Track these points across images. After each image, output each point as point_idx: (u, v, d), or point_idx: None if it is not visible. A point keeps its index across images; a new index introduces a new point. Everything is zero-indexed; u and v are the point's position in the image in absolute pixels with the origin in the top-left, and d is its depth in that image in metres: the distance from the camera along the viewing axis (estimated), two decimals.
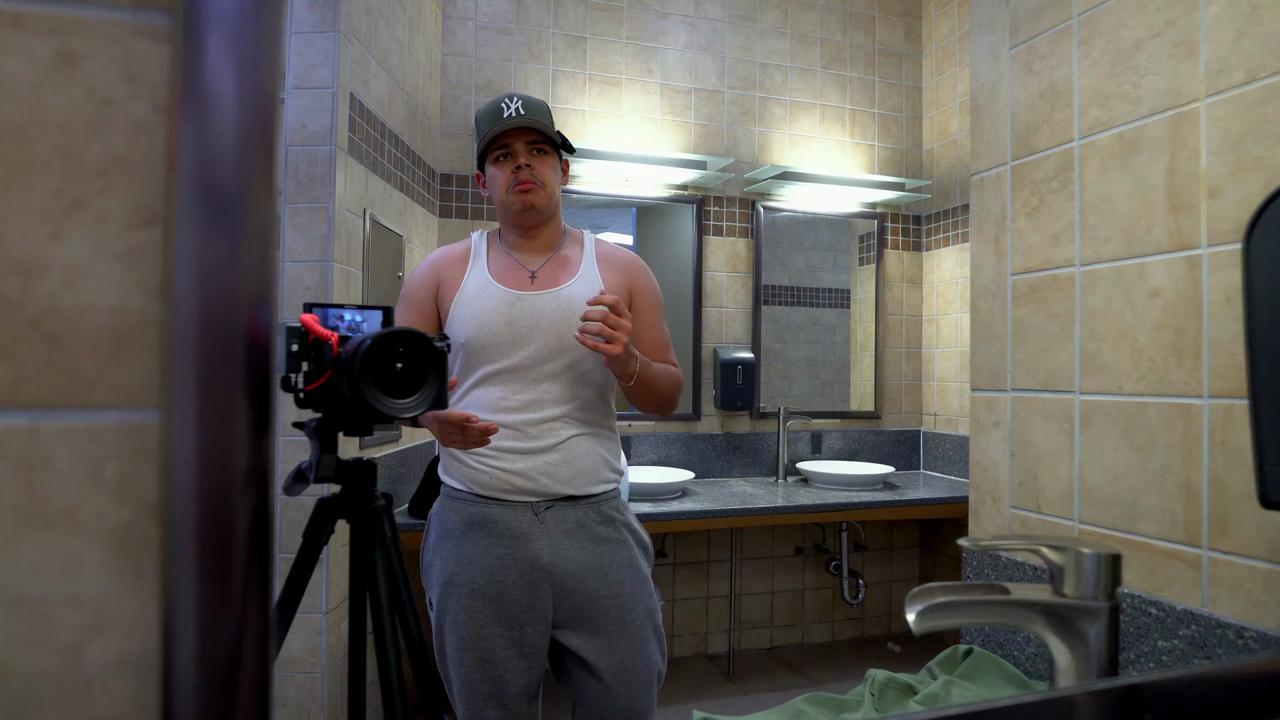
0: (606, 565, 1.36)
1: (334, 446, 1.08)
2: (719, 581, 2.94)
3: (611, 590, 1.35)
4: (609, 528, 1.38)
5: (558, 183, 1.42)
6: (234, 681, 0.29)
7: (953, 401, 3.03)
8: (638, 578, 1.38)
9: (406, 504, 2.26)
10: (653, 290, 1.47)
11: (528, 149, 1.37)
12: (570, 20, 2.85)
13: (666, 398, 1.42)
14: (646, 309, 1.44)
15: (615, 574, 1.36)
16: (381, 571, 1.10)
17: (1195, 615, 0.78)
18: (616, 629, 1.34)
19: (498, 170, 1.38)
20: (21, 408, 0.28)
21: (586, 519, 1.36)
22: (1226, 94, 0.77)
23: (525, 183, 1.35)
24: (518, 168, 1.35)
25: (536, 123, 1.35)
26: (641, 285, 1.45)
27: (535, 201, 1.36)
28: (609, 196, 2.88)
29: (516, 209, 1.37)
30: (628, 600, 1.35)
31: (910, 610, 0.57)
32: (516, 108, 1.36)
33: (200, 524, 0.29)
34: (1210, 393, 0.78)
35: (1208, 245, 0.79)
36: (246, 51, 0.29)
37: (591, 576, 1.34)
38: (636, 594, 1.37)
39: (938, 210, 3.14)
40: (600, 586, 1.34)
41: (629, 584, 1.36)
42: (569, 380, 1.36)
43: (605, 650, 1.33)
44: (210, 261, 0.29)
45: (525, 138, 1.37)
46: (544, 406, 1.34)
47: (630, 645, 1.35)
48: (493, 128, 1.36)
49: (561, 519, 1.34)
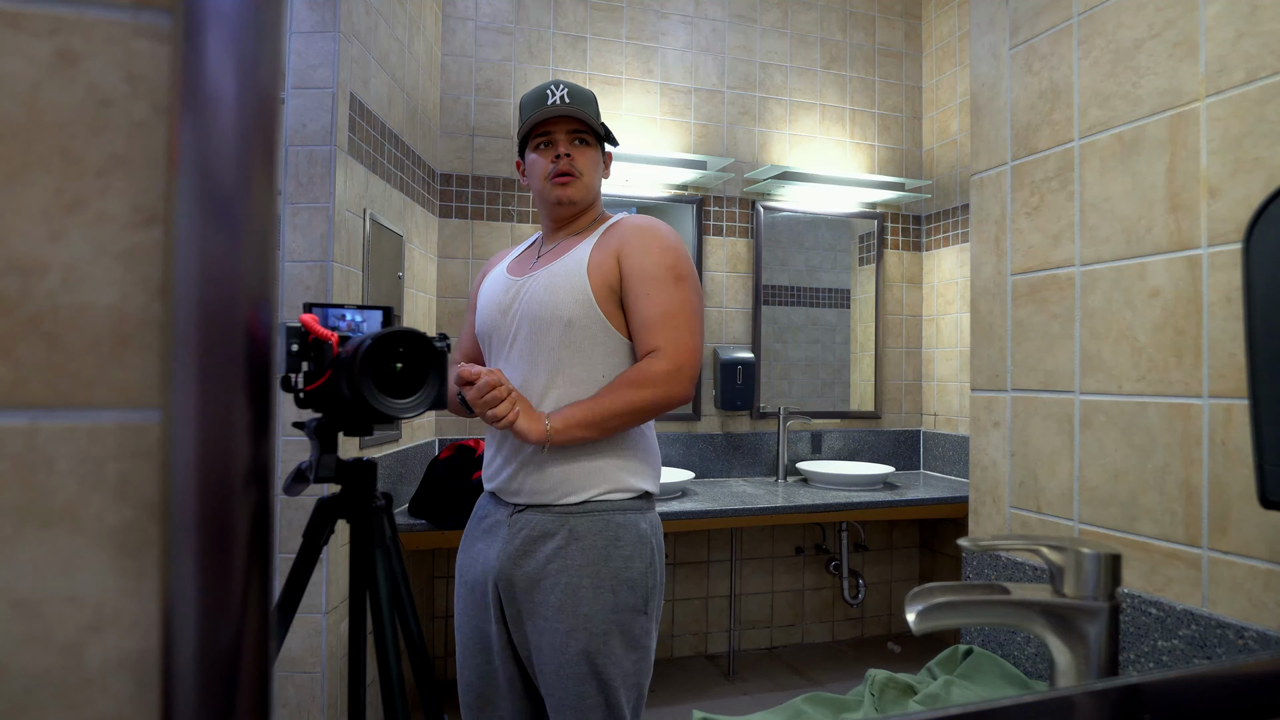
0: (549, 586, 1.21)
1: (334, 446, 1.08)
2: (719, 581, 2.94)
3: (550, 613, 1.20)
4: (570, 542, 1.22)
5: (598, 175, 1.36)
6: (234, 681, 0.29)
7: (953, 401, 3.03)
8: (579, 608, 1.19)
9: (406, 504, 2.26)
10: (644, 256, 1.25)
11: (569, 138, 1.32)
12: (570, 20, 2.86)
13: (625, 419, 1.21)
14: (632, 281, 1.25)
15: (555, 595, 1.20)
16: (381, 571, 1.10)
17: (1195, 615, 0.78)
18: (547, 662, 1.21)
19: (538, 157, 1.33)
20: (21, 408, 0.28)
21: (549, 529, 1.23)
22: (1226, 94, 0.77)
23: (564, 174, 1.31)
24: (557, 157, 1.31)
25: (580, 111, 1.30)
26: (630, 252, 1.26)
27: (572, 195, 1.32)
28: (609, 196, 2.88)
29: (552, 200, 1.33)
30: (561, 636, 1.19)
31: (910, 610, 0.57)
32: (562, 95, 1.30)
33: (200, 524, 0.29)
34: (1210, 393, 0.78)
35: (1208, 245, 0.79)
36: (246, 51, 0.29)
37: (533, 591, 1.22)
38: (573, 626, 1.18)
39: (938, 210, 3.14)
40: (538, 605, 1.22)
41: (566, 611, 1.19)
42: (541, 360, 1.25)
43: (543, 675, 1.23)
44: (210, 261, 0.29)
45: (567, 126, 1.32)
46: (521, 387, 1.26)
47: (557, 683, 1.20)
48: (535, 113, 1.31)
49: (527, 523, 1.25)
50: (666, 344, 1.22)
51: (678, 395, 1.23)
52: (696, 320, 1.26)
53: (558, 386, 1.25)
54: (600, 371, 1.25)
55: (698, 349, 1.25)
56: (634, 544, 1.24)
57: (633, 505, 1.26)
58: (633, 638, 1.22)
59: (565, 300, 1.24)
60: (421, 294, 2.49)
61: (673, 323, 1.23)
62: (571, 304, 1.24)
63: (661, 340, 1.22)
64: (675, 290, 1.24)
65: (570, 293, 1.24)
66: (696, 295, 1.27)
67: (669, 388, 1.22)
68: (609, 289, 1.25)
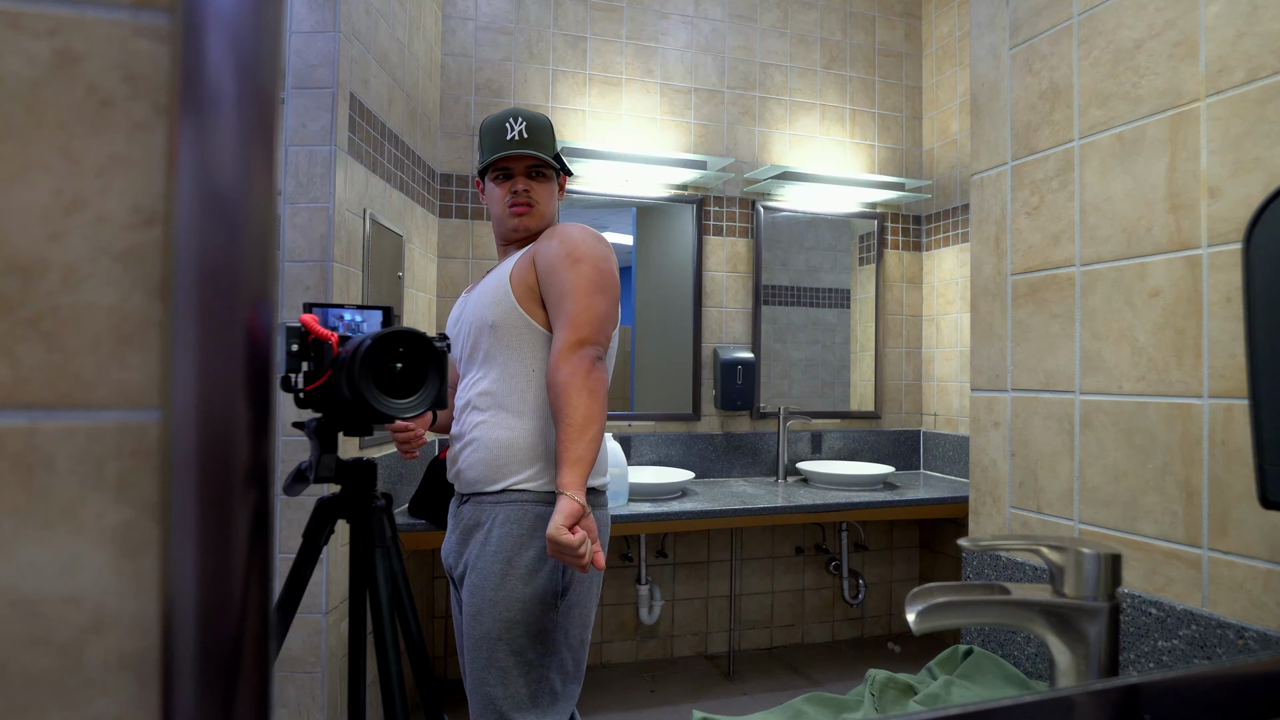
0: (472, 571, 1.29)
1: (334, 446, 1.08)
2: (719, 581, 2.94)
3: (469, 596, 1.28)
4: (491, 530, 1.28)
5: (552, 202, 1.47)
6: (234, 681, 0.29)
7: (953, 401, 3.03)
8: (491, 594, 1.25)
9: (406, 504, 2.26)
10: (548, 253, 1.33)
11: (526, 172, 1.43)
12: (570, 20, 2.85)
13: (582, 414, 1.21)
14: (541, 276, 1.32)
15: (472, 580, 1.28)
16: (381, 571, 1.10)
17: (1195, 615, 0.78)
18: (469, 646, 1.28)
19: (496, 188, 1.45)
20: (21, 408, 0.28)
21: (480, 519, 1.31)
22: (1226, 94, 0.77)
23: (520, 205, 1.42)
24: (515, 191, 1.42)
25: (535, 154, 1.40)
26: (540, 251, 1.34)
27: (529, 224, 1.43)
28: (609, 196, 2.88)
29: (510, 226, 1.44)
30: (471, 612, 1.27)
31: (910, 610, 0.57)
32: (520, 130, 1.40)
33: (200, 524, 0.29)
34: (1210, 393, 0.78)
35: (1208, 245, 0.79)
36: (246, 51, 0.29)
37: (466, 575, 1.31)
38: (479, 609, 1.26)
39: (938, 210, 3.14)
40: (466, 590, 1.29)
41: (478, 595, 1.26)
42: (480, 365, 1.36)
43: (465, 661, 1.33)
44: (210, 261, 0.29)
45: (525, 162, 1.42)
46: (464, 394, 1.38)
47: (470, 661, 1.28)
48: (495, 151, 1.41)
49: (465, 514, 1.35)
50: (560, 324, 1.28)
51: (589, 359, 1.25)
52: (594, 289, 1.29)
53: (489, 380, 1.34)
54: (527, 364, 1.32)
55: (591, 308, 1.27)
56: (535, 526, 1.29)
57: (548, 498, 1.30)
58: (541, 630, 1.25)
59: (489, 305, 1.35)
60: (421, 294, 2.49)
61: (569, 297, 1.28)
62: (494, 308, 1.34)
63: (559, 321, 1.29)
64: (571, 270, 1.29)
65: (494, 298, 1.35)
66: (594, 269, 1.30)
67: (576, 359, 1.24)
68: (527, 288, 1.34)
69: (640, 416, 2.88)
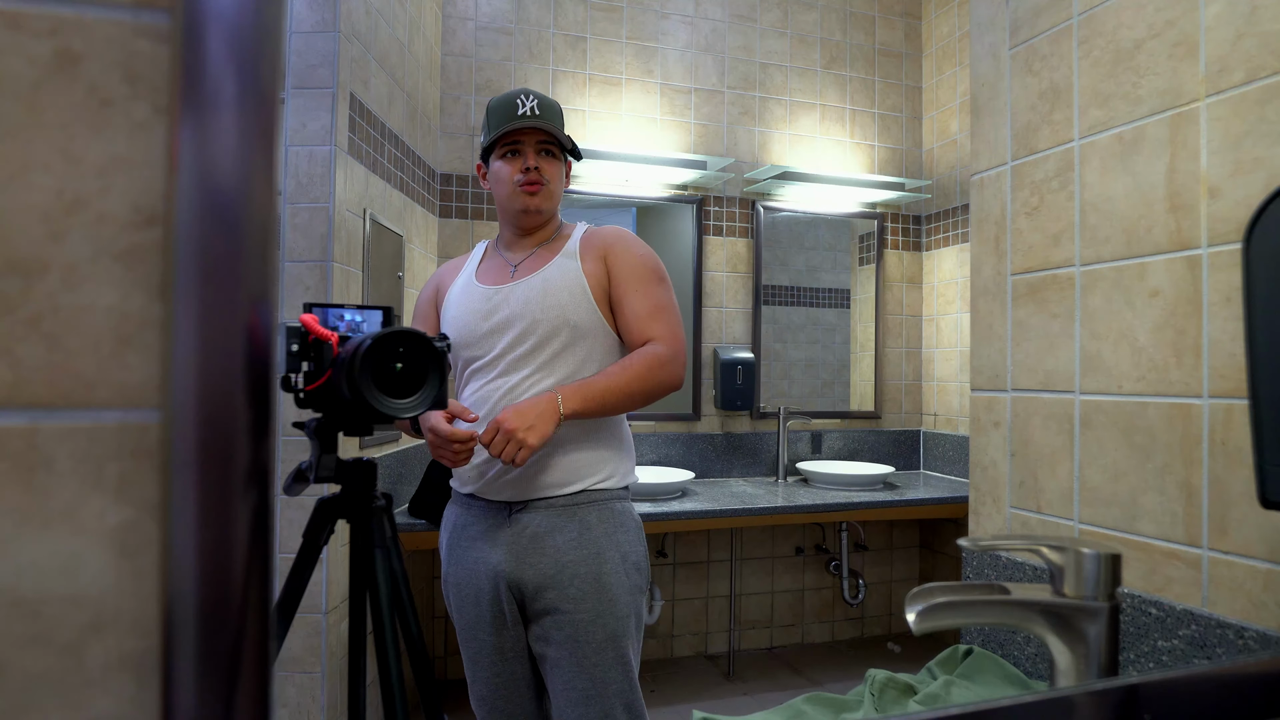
0: (567, 579, 1.25)
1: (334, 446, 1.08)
2: (719, 581, 2.94)
3: (569, 605, 1.24)
4: (583, 532, 1.26)
5: (561, 186, 1.40)
6: (234, 681, 0.29)
7: (953, 401, 3.03)
8: (598, 592, 1.25)
9: (406, 504, 2.26)
10: (630, 257, 1.34)
11: (537, 149, 1.35)
12: (570, 20, 2.85)
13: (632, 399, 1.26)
14: (621, 279, 1.32)
15: (575, 587, 1.25)
16: (381, 571, 1.10)
17: (1195, 615, 0.78)
18: (569, 654, 1.24)
19: (504, 165, 1.35)
20: (21, 408, 0.28)
21: (558, 523, 1.26)
22: (1226, 94, 0.77)
23: (532, 183, 1.34)
24: (526, 168, 1.33)
25: (550, 125, 1.33)
26: (616, 255, 1.34)
27: (539, 204, 1.35)
28: (609, 196, 2.88)
29: (519, 208, 1.35)
30: (585, 619, 1.24)
31: (910, 610, 0.57)
32: (532, 106, 1.32)
33: (200, 524, 0.29)
34: (1210, 393, 0.78)
35: (1208, 245, 0.79)
36: (246, 51, 0.29)
37: (550, 587, 1.25)
38: (599, 612, 1.24)
39: (938, 210, 3.14)
40: (555, 599, 1.25)
41: (589, 599, 1.24)
42: (546, 365, 1.28)
43: (560, 669, 1.25)
44: (210, 261, 0.29)
45: (536, 138, 1.34)
46: (520, 395, 1.27)
47: (580, 673, 1.23)
48: (506, 124, 1.32)
49: (531, 520, 1.27)
50: (663, 333, 1.30)
51: (677, 379, 1.31)
52: (679, 317, 1.36)
53: (556, 379, 1.28)
54: (593, 369, 1.31)
55: (684, 341, 1.35)
56: (635, 529, 1.33)
57: (624, 494, 1.35)
58: (641, 618, 1.31)
59: (568, 305, 1.29)
60: None
61: (664, 315, 1.32)
62: (574, 308, 1.29)
63: (658, 330, 1.30)
64: (661, 288, 1.34)
65: (571, 298, 1.29)
66: (672, 294, 1.37)
67: (672, 371, 1.29)
68: (603, 291, 1.33)
69: (640, 416, 2.88)
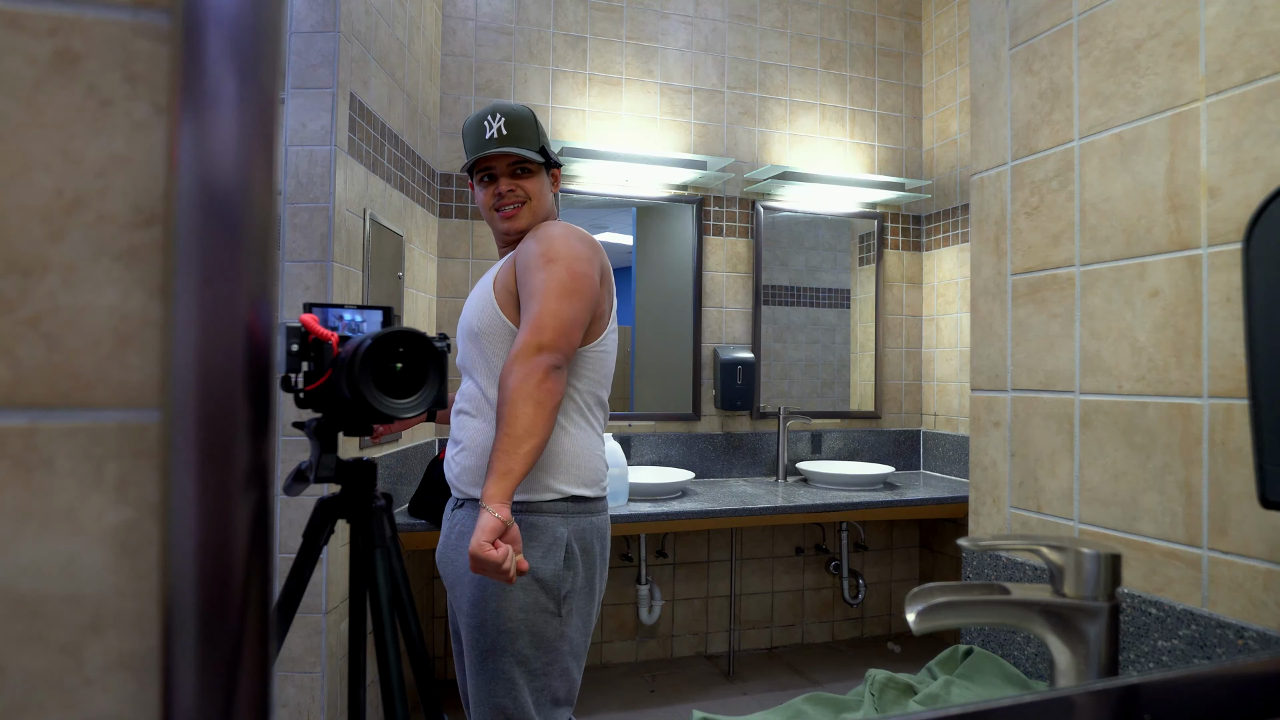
0: (462, 584, 1.26)
1: (334, 446, 1.08)
2: (719, 581, 2.94)
3: (462, 607, 1.26)
4: None
5: (545, 196, 1.39)
6: (234, 681, 0.29)
7: (953, 401, 3.03)
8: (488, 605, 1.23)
9: (406, 504, 2.26)
10: (526, 250, 1.29)
11: (509, 170, 1.36)
12: (570, 20, 2.85)
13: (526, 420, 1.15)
14: (518, 275, 1.29)
15: (463, 591, 1.26)
16: (381, 571, 1.10)
17: (1195, 615, 0.78)
18: (474, 658, 1.25)
19: (481, 189, 1.39)
20: (21, 408, 0.28)
21: (466, 525, 1.29)
22: (1226, 94, 0.77)
23: (508, 208, 1.36)
24: (499, 194, 1.36)
25: (515, 150, 1.32)
26: (520, 251, 1.31)
27: (518, 225, 1.37)
28: (609, 196, 2.88)
29: (500, 229, 1.40)
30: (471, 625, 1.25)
31: (910, 610, 0.57)
32: (499, 128, 1.32)
33: (200, 524, 0.29)
34: (1210, 393, 0.78)
35: (1208, 245, 0.79)
36: (246, 51, 0.29)
37: (453, 587, 1.30)
38: (481, 622, 1.23)
39: (938, 210, 3.14)
40: (454, 599, 1.29)
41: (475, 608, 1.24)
42: (467, 370, 1.35)
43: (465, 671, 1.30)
44: (210, 261, 0.29)
45: (507, 160, 1.35)
46: (458, 400, 1.36)
47: (474, 673, 1.25)
48: (476, 151, 1.35)
49: (459, 518, 1.32)
50: (526, 323, 1.22)
51: (543, 366, 1.18)
52: (564, 291, 1.23)
53: (474, 385, 1.32)
54: (485, 372, 1.31)
55: (555, 312, 1.21)
56: (548, 545, 1.24)
57: (552, 508, 1.26)
58: (542, 638, 1.23)
59: (475, 311, 1.33)
60: (421, 294, 2.49)
61: (536, 299, 1.22)
62: (479, 314, 1.32)
63: (524, 320, 1.23)
64: (540, 272, 1.24)
65: (479, 304, 1.33)
66: (567, 270, 1.25)
67: (530, 365, 1.17)
68: (509, 293, 1.30)
69: (640, 416, 2.88)
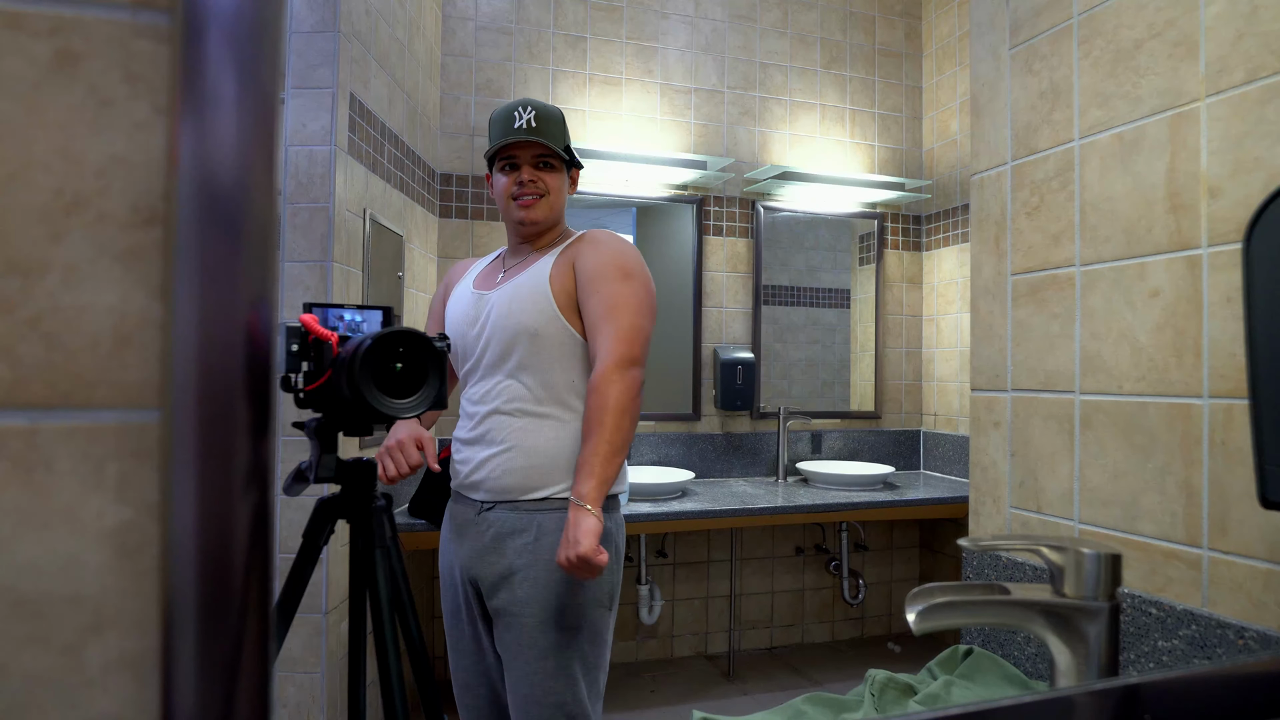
0: (517, 582, 1.26)
1: (334, 446, 1.08)
2: (719, 581, 2.94)
3: (517, 608, 1.26)
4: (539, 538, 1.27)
5: (563, 194, 1.41)
6: (234, 681, 0.29)
7: (953, 401, 3.03)
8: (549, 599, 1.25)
9: (406, 504, 2.26)
10: (595, 256, 1.32)
11: (533, 162, 1.36)
12: (570, 20, 2.85)
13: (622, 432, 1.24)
14: (583, 281, 1.31)
15: (523, 590, 1.26)
16: (381, 571, 1.10)
17: (1195, 615, 0.78)
18: (515, 657, 1.26)
19: (502, 177, 1.38)
20: (21, 408, 0.28)
21: (518, 526, 1.28)
22: (1226, 94, 0.77)
23: (526, 196, 1.36)
24: (520, 182, 1.36)
25: (542, 140, 1.33)
26: (583, 256, 1.33)
27: (535, 216, 1.36)
28: (609, 196, 2.88)
29: (515, 219, 1.38)
30: (531, 624, 1.25)
31: (910, 610, 0.57)
32: (529, 119, 1.33)
33: (200, 524, 0.29)
34: (1210, 393, 0.78)
35: (1208, 245, 0.79)
36: (246, 51, 0.29)
37: (502, 588, 1.28)
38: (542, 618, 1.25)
39: (938, 210, 3.14)
40: (505, 601, 1.27)
41: (535, 605, 1.25)
42: (515, 371, 1.31)
43: (510, 670, 1.28)
44: (210, 261, 0.29)
45: (532, 150, 1.36)
46: (492, 400, 1.32)
47: (532, 672, 1.25)
48: (502, 137, 1.34)
49: (495, 520, 1.30)
50: (605, 339, 1.26)
51: (638, 381, 1.27)
52: (643, 309, 1.30)
53: (524, 386, 1.31)
54: (569, 374, 1.31)
55: (641, 328, 1.28)
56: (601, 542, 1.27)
57: None
58: (596, 632, 1.29)
59: (530, 311, 1.30)
60: (421, 294, 2.49)
61: (615, 315, 1.27)
62: (536, 315, 1.29)
63: (605, 334, 1.26)
64: (622, 285, 1.29)
65: (534, 304, 1.30)
66: (645, 289, 1.31)
67: (628, 378, 1.25)
68: (569, 296, 1.31)
69: (640, 416, 2.88)
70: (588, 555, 1.12)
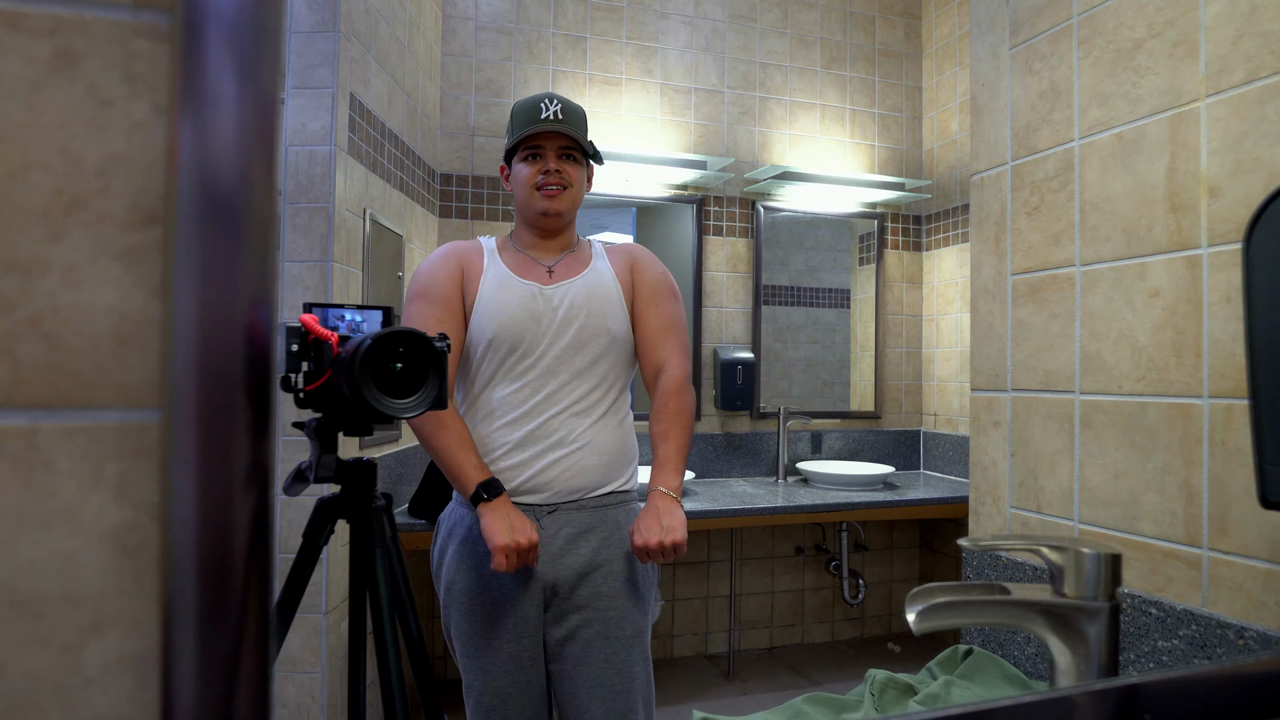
0: (601, 577, 1.30)
1: (334, 446, 1.08)
2: (719, 581, 2.94)
3: (602, 602, 1.29)
4: (613, 531, 1.32)
5: (583, 189, 1.42)
6: (234, 681, 0.29)
7: (953, 401, 3.03)
8: (630, 590, 1.31)
9: (406, 504, 2.26)
10: (652, 272, 1.42)
11: (558, 153, 1.36)
12: (570, 20, 2.85)
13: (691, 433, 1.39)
14: (644, 293, 1.40)
15: (608, 585, 1.29)
16: (381, 571, 1.10)
17: (1195, 615, 0.78)
18: (599, 650, 1.28)
19: (525, 167, 1.36)
20: (21, 408, 0.28)
21: (590, 523, 1.31)
22: (1226, 94, 0.77)
23: (551, 186, 1.35)
24: (546, 171, 1.35)
25: (571, 130, 1.34)
26: (641, 268, 1.42)
27: (559, 207, 1.35)
28: (609, 196, 2.88)
29: (538, 210, 1.35)
30: (616, 615, 1.29)
31: (910, 610, 0.57)
32: (555, 110, 1.34)
33: (200, 524, 0.29)
34: (1210, 393, 0.78)
35: (1208, 245, 0.79)
36: (246, 51, 0.29)
37: (584, 585, 1.29)
38: (625, 609, 1.30)
39: (938, 210, 3.14)
40: (588, 597, 1.29)
41: (620, 596, 1.30)
42: (583, 371, 1.32)
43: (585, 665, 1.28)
44: (210, 261, 0.29)
45: (558, 141, 1.35)
46: (560, 400, 1.30)
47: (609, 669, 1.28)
48: (528, 126, 1.33)
49: (563, 523, 1.30)
50: (673, 353, 1.39)
51: (694, 395, 1.42)
52: (687, 331, 1.47)
53: (591, 385, 1.35)
54: (627, 375, 1.41)
55: (690, 352, 1.46)
56: None
57: (636, 495, 1.43)
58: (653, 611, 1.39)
59: (610, 313, 1.36)
60: None
61: (676, 333, 1.41)
62: (614, 316, 1.36)
63: (669, 348, 1.39)
64: (674, 305, 1.42)
65: (612, 305, 1.37)
66: (682, 308, 1.48)
67: (691, 393, 1.40)
68: (629, 301, 1.41)
69: (640, 416, 2.88)
70: (683, 541, 1.22)
